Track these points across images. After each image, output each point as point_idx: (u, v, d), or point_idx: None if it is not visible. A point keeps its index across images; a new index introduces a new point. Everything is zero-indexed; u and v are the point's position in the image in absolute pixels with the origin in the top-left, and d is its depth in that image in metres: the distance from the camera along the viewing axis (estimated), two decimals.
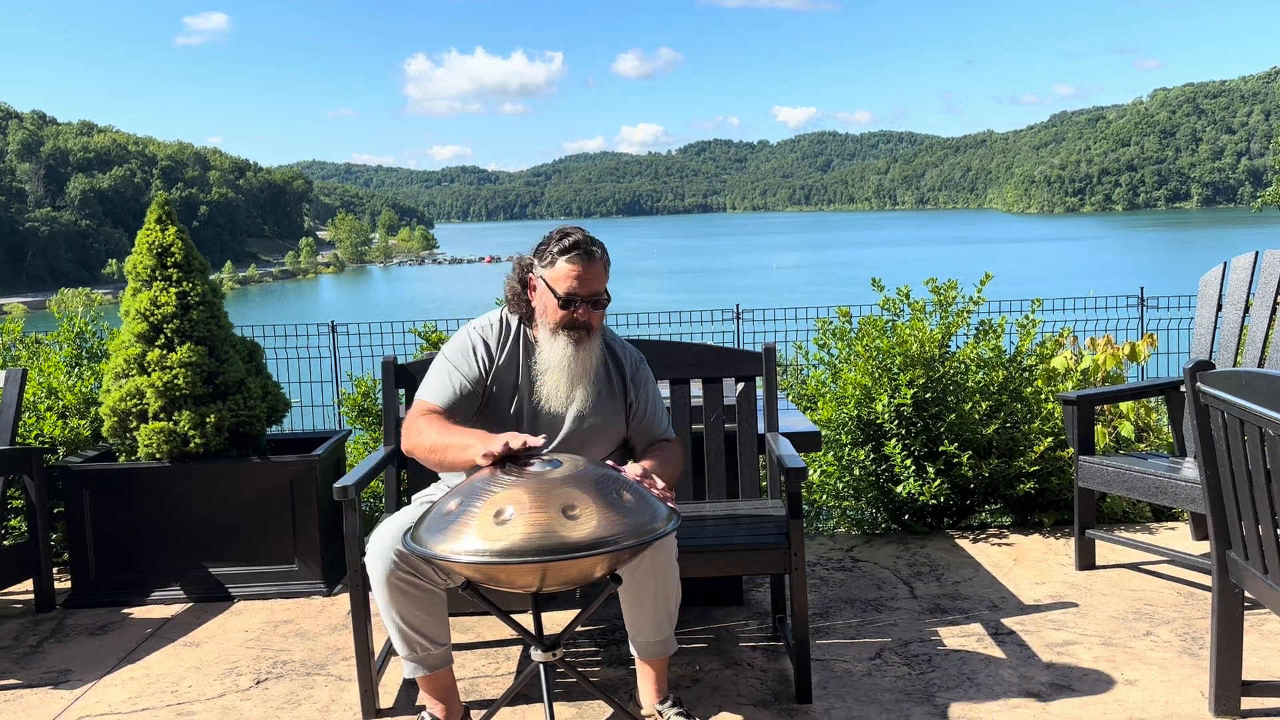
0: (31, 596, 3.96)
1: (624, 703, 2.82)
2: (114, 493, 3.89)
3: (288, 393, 4.31)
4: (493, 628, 3.51)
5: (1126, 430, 4.92)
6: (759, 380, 3.45)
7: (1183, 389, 3.55)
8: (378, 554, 2.55)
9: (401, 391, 3.44)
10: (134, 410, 3.88)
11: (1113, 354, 5.25)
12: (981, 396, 4.48)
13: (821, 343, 4.89)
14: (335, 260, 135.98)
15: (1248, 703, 2.72)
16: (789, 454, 2.98)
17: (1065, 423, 4.01)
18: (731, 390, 3.52)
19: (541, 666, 2.50)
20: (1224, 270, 4.03)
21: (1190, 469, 3.62)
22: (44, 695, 3.12)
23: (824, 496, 4.66)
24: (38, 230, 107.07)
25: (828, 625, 3.46)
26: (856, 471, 4.55)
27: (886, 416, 4.45)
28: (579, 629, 3.42)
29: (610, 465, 2.48)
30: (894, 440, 4.44)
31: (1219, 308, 4.01)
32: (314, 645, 3.45)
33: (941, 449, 4.43)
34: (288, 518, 3.90)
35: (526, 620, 2.94)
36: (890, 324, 4.62)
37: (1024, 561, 4.07)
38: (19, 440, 4.15)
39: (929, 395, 4.47)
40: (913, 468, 4.40)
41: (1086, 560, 3.95)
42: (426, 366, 2.95)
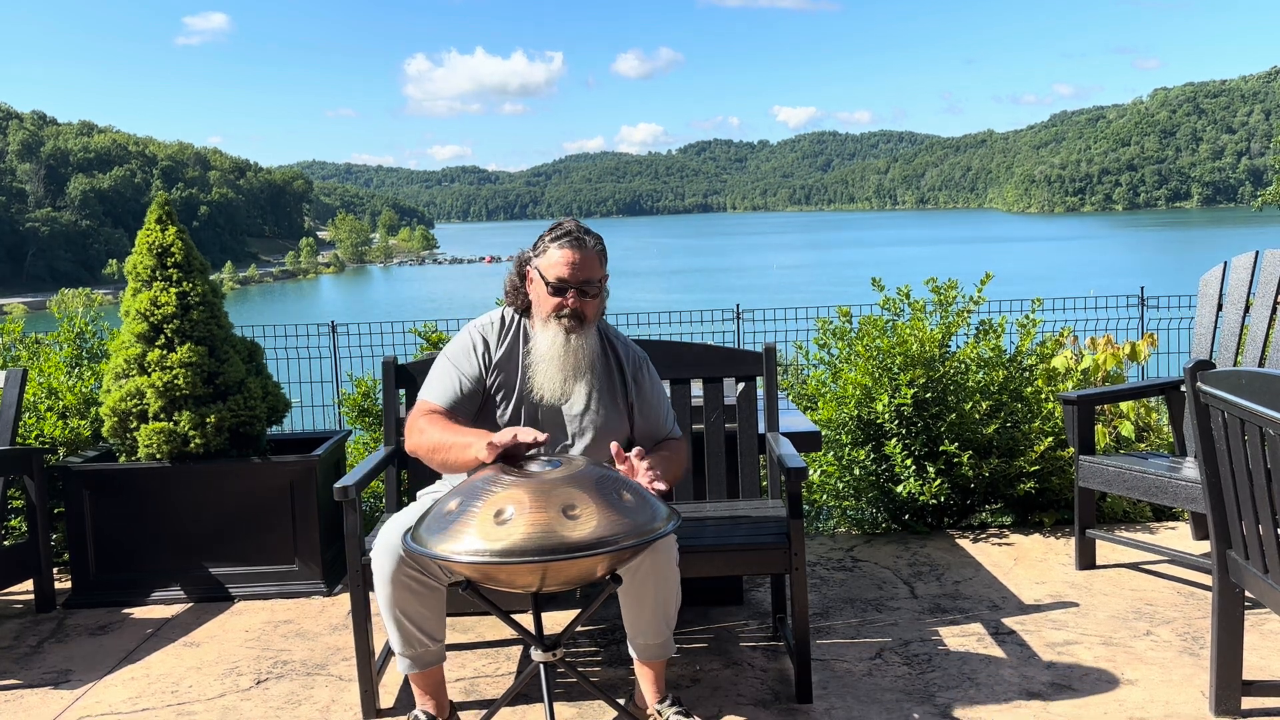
0: (32, 597, 3.96)
1: (624, 703, 2.82)
2: (114, 493, 3.89)
3: (288, 393, 4.31)
4: (493, 628, 3.52)
5: (1127, 430, 4.92)
6: (759, 380, 3.45)
7: (1183, 389, 3.55)
8: (385, 550, 2.55)
9: (402, 392, 3.44)
10: (134, 410, 3.88)
11: (1113, 354, 5.25)
12: (982, 396, 4.48)
13: (822, 342, 4.89)
14: (335, 260, 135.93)
15: (1248, 702, 2.72)
16: (789, 454, 2.98)
17: (1065, 422, 4.01)
18: (732, 390, 3.52)
19: (541, 666, 2.50)
20: (1224, 270, 4.03)
21: (1190, 469, 3.62)
22: (44, 695, 3.12)
23: (824, 496, 4.66)
24: (38, 230, 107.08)
25: (828, 625, 3.46)
26: (857, 471, 4.55)
27: (887, 416, 4.45)
28: (579, 629, 3.42)
29: (609, 465, 2.48)
30: (894, 440, 4.44)
31: (1219, 307, 4.01)
32: (314, 645, 3.45)
33: (942, 449, 4.43)
34: (288, 518, 3.90)
35: (526, 620, 2.93)
36: (890, 324, 4.62)
37: (1024, 561, 4.07)
38: (19, 440, 4.15)
39: (929, 395, 4.47)
40: (913, 467, 4.40)
41: (1087, 560, 3.95)
42: (427, 367, 2.95)
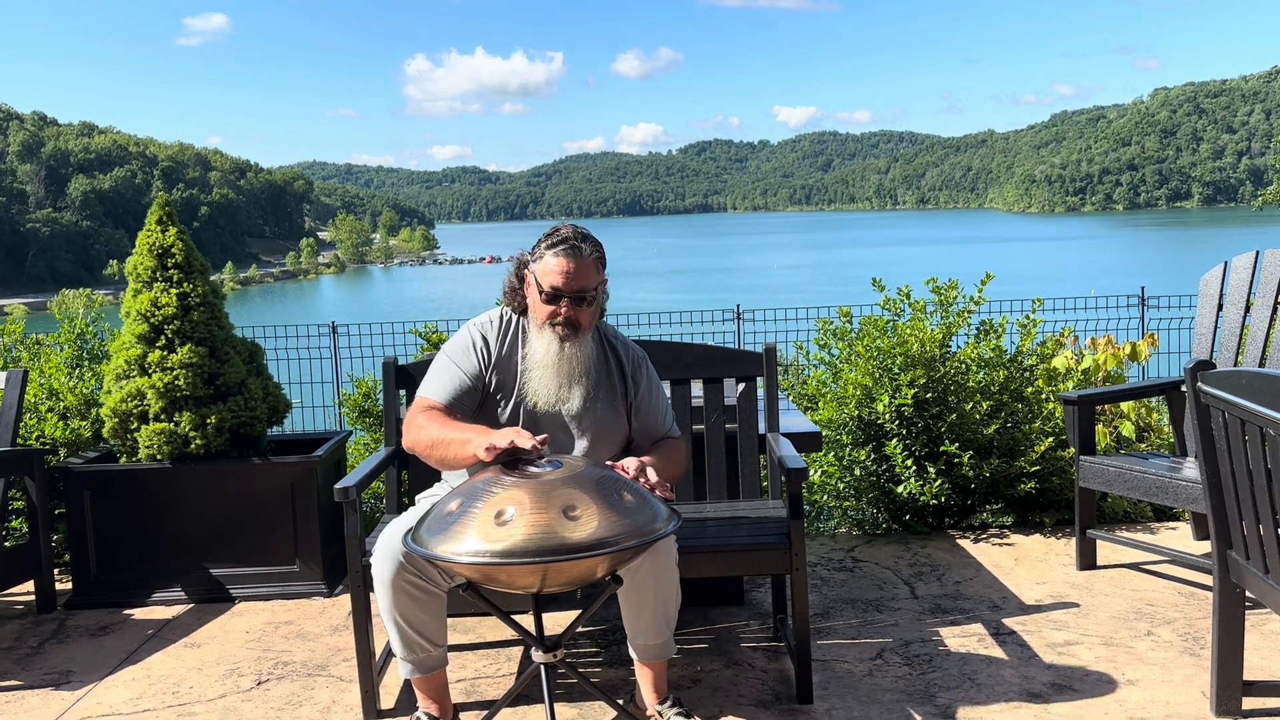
0: (33, 597, 3.96)
1: (625, 703, 2.82)
2: (115, 494, 3.89)
3: (288, 393, 4.31)
4: (493, 628, 3.52)
5: (1127, 430, 4.92)
6: (760, 380, 3.45)
7: (1183, 389, 3.55)
8: (385, 555, 2.55)
9: (402, 392, 3.44)
10: (135, 411, 3.88)
11: (1113, 354, 5.25)
12: (982, 396, 4.48)
13: (822, 343, 4.89)
14: (336, 261, 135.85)
15: (1249, 703, 2.72)
16: (790, 454, 2.98)
17: (1066, 423, 4.01)
18: (732, 390, 3.52)
19: (542, 667, 2.50)
20: (1225, 270, 4.03)
21: (1191, 469, 3.62)
22: (45, 696, 3.12)
23: (825, 497, 4.66)
24: (38, 231, 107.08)
25: (829, 625, 3.46)
26: (857, 471, 4.55)
27: (887, 417, 4.45)
28: (579, 630, 3.42)
29: (609, 464, 2.48)
30: (895, 440, 4.44)
31: (1220, 307, 4.01)
32: (315, 646, 3.45)
33: (942, 449, 4.43)
34: (288, 519, 3.90)
35: (527, 621, 2.93)
36: (891, 324, 4.62)
37: (1025, 561, 4.07)
38: (20, 441, 4.15)
39: (930, 395, 4.47)
40: (913, 468, 4.40)
41: (1087, 560, 3.95)
42: (427, 367, 2.95)
